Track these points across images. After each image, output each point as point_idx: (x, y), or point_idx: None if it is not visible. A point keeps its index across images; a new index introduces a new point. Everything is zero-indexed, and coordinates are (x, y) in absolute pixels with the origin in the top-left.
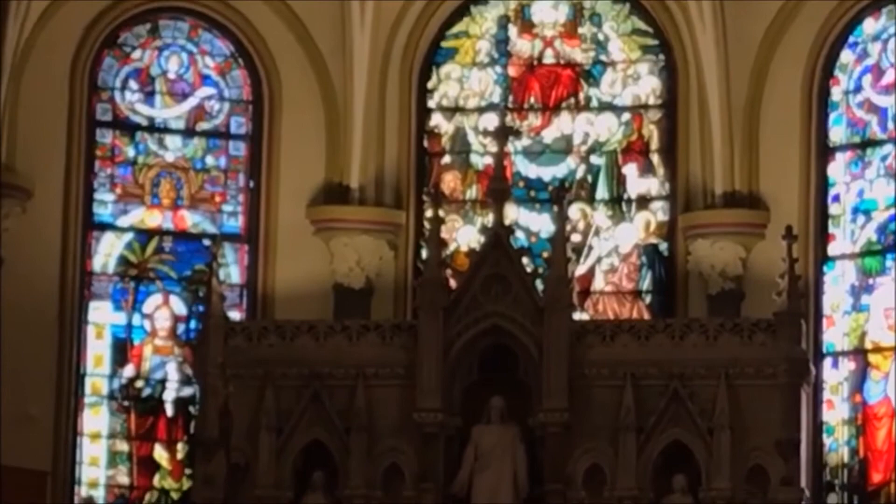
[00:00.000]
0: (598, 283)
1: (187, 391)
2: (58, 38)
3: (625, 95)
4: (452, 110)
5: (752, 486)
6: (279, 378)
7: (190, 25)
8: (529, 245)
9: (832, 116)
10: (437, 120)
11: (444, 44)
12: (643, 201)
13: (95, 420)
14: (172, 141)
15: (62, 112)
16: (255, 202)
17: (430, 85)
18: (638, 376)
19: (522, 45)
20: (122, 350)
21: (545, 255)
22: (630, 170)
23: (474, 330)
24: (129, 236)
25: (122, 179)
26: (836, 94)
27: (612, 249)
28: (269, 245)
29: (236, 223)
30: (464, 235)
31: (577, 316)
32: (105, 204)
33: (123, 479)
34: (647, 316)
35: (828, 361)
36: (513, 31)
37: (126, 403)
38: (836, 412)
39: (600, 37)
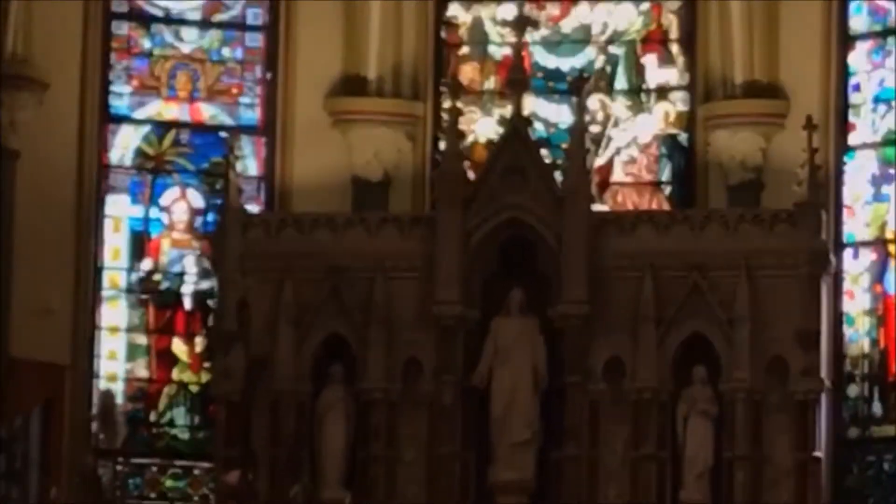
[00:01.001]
0: (618, 175)
1: (205, 284)
2: None
3: None
4: (470, 0)
5: (772, 377)
6: (298, 271)
7: None
8: (548, 136)
9: (853, 4)
10: (454, 10)
11: None
12: (662, 91)
13: (114, 313)
14: (189, 33)
15: (78, 4)
16: (273, 94)
17: None
18: (657, 267)
19: None
20: (139, 243)
21: (564, 146)
22: (649, 60)
23: (493, 222)
24: (145, 129)
25: (138, 72)
26: None
27: (632, 140)
28: (287, 137)
29: (253, 115)
30: (482, 127)
31: (596, 207)
32: (121, 96)
33: (142, 373)
34: (666, 207)
35: (848, 252)
36: None
37: (144, 297)
38: (856, 303)
39: None
